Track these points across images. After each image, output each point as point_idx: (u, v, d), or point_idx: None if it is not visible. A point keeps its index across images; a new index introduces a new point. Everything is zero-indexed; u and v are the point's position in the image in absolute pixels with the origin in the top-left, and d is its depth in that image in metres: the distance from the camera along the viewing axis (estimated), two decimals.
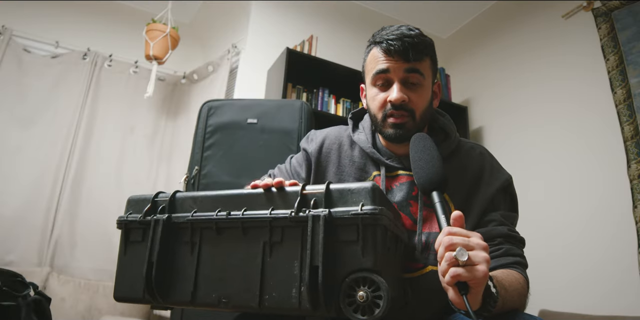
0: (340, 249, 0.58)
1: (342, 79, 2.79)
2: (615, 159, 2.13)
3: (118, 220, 0.73)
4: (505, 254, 0.84)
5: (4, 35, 2.72)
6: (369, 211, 0.57)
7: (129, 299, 0.70)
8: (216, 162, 1.76)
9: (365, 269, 0.56)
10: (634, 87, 2.14)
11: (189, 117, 3.01)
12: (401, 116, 0.89)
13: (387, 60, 0.89)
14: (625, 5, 2.26)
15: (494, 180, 0.93)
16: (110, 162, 2.88)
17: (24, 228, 2.50)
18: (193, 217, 0.67)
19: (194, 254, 0.66)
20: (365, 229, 0.57)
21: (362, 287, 0.55)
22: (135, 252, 0.70)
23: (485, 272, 0.57)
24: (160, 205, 0.72)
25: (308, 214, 0.59)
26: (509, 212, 0.92)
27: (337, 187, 0.62)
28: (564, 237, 2.25)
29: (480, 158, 0.97)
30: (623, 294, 1.94)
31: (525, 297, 0.79)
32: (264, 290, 0.60)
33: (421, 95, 0.90)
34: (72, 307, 2.35)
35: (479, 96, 3.10)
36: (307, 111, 1.83)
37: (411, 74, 0.88)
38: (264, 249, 0.62)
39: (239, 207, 0.65)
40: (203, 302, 0.64)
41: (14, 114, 2.66)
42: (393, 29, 0.91)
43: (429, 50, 0.91)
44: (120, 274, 0.71)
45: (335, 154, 1.00)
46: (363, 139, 0.99)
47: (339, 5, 3.24)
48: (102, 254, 2.67)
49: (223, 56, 2.92)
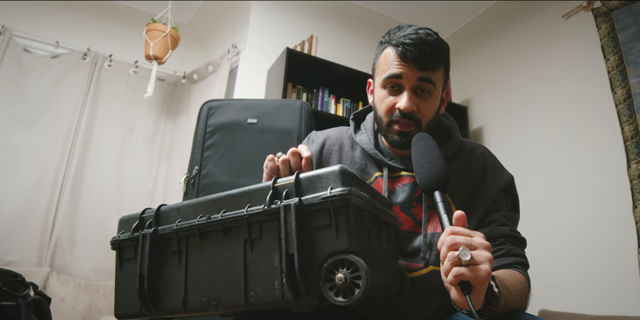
0: (315, 235, 0.58)
1: (342, 79, 2.79)
2: (615, 159, 2.13)
3: (111, 242, 0.75)
4: (506, 254, 0.84)
5: (4, 35, 2.72)
6: (337, 193, 0.57)
7: (128, 315, 0.71)
8: (216, 162, 1.76)
9: (340, 251, 0.55)
10: (634, 87, 2.14)
11: (189, 117, 3.01)
12: (407, 125, 0.88)
13: (401, 65, 0.86)
14: (625, 5, 2.26)
15: (496, 181, 0.92)
16: (110, 162, 2.88)
17: (24, 228, 2.50)
18: (177, 226, 0.68)
19: (181, 262, 0.67)
20: (336, 212, 0.57)
21: (341, 270, 0.55)
22: (129, 269, 0.72)
23: (489, 272, 0.57)
24: (147, 220, 0.73)
25: (279, 205, 0.59)
26: (511, 213, 0.92)
27: (307, 175, 0.62)
28: (564, 237, 2.25)
29: (482, 158, 0.96)
30: (623, 294, 1.94)
31: (527, 297, 0.79)
32: (248, 287, 0.60)
33: (430, 104, 0.89)
34: (72, 307, 2.35)
35: (479, 96, 3.10)
36: (307, 111, 1.83)
37: (423, 83, 0.87)
38: (245, 246, 0.62)
39: (219, 210, 0.66)
40: (194, 307, 0.64)
41: (14, 114, 2.66)
42: (411, 31, 0.87)
43: (444, 58, 0.89)
44: (118, 292, 0.73)
45: (336, 155, 1.00)
46: (365, 140, 0.98)
47: (339, 5, 3.23)
48: (102, 254, 2.67)
49: (223, 56, 2.92)
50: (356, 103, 2.86)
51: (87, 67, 2.93)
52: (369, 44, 3.24)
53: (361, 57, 3.09)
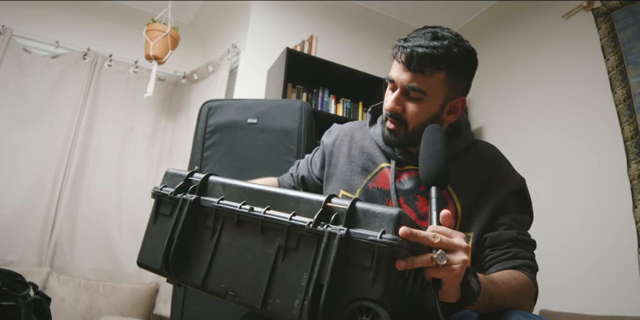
0: (351, 272, 0.55)
1: (342, 79, 2.79)
2: (615, 159, 2.13)
3: (153, 191, 0.76)
4: (513, 257, 0.84)
5: (4, 35, 2.72)
6: (387, 240, 0.54)
7: (148, 267, 0.72)
8: (216, 162, 1.76)
9: (371, 299, 0.53)
10: (634, 87, 2.14)
11: (189, 117, 3.01)
12: (393, 123, 0.91)
13: (396, 68, 0.88)
14: (625, 5, 2.26)
15: (505, 184, 0.91)
16: (110, 162, 2.88)
17: (24, 228, 2.50)
18: (219, 204, 0.68)
19: (212, 240, 0.67)
20: (380, 258, 0.54)
21: (365, 318, 0.53)
22: (162, 225, 0.72)
23: (459, 274, 0.59)
24: (192, 184, 0.73)
25: (325, 229, 0.57)
26: (520, 215, 0.91)
27: (362, 207, 0.59)
28: (564, 237, 2.25)
29: (493, 159, 0.95)
30: (623, 294, 1.94)
31: (526, 296, 0.78)
32: (269, 294, 0.59)
33: (419, 108, 0.87)
34: (72, 307, 2.35)
35: (479, 96, 3.10)
36: (307, 111, 1.83)
37: (411, 90, 0.86)
38: (278, 252, 0.61)
39: (264, 203, 0.65)
40: (212, 289, 0.65)
41: (14, 114, 2.66)
42: (419, 34, 0.86)
43: (448, 62, 0.84)
44: (146, 242, 0.73)
45: (346, 145, 1.04)
46: (378, 132, 1.00)
47: (339, 5, 3.23)
48: (102, 254, 2.67)
49: (223, 56, 2.92)
50: (356, 103, 2.86)
51: (87, 67, 2.93)
52: (369, 44, 3.24)
53: (361, 57, 3.09)
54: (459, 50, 0.85)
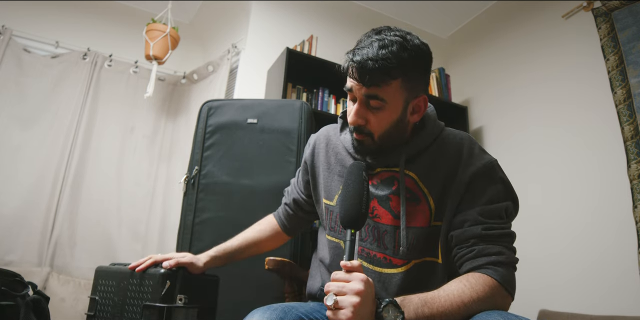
0: None
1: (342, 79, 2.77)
2: (615, 159, 2.13)
3: None
4: (478, 255, 0.82)
5: (4, 35, 2.72)
6: None
7: None
8: (216, 162, 1.76)
9: None
10: (634, 87, 2.14)
11: (189, 117, 3.01)
12: (359, 135, 0.91)
13: (351, 79, 0.87)
14: (625, 5, 2.26)
15: (468, 167, 0.88)
16: (110, 162, 2.88)
17: (24, 228, 2.50)
18: None
19: None
20: None
21: None
22: None
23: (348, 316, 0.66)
24: None
25: None
26: (491, 205, 0.85)
27: None
28: (564, 237, 2.25)
29: (458, 146, 0.92)
30: (623, 294, 1.94)
31: (489, 300, 0.75)
32: None
33: (382, 118, 0.87)
34: (72, 307, 2.36)
35: (479, 96, 3.10)
36: (307, 111, 1.83)
37: (370, 99, 0.85)
38: None
39: None
40: None
41: (14, 114, 2.66)
42: (365, 44, 0.84)
43: (400, 70, 0.81)
44: None
45: (323, 154, 1.06)
46: (348, 138, 1.00)
47: (339, 5, 3.23)
48: (102, 253, 2.67)
49: (223, 56, 2.92)
50: None
51: (87, 67, 2.93)
52: None
53: None
54: (409, 53, 0.82)
